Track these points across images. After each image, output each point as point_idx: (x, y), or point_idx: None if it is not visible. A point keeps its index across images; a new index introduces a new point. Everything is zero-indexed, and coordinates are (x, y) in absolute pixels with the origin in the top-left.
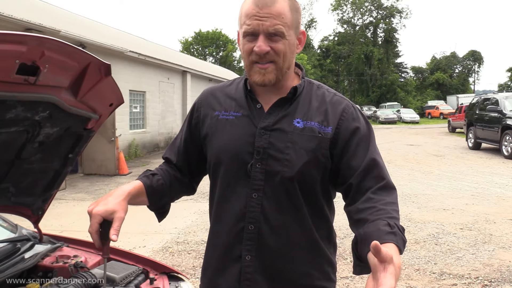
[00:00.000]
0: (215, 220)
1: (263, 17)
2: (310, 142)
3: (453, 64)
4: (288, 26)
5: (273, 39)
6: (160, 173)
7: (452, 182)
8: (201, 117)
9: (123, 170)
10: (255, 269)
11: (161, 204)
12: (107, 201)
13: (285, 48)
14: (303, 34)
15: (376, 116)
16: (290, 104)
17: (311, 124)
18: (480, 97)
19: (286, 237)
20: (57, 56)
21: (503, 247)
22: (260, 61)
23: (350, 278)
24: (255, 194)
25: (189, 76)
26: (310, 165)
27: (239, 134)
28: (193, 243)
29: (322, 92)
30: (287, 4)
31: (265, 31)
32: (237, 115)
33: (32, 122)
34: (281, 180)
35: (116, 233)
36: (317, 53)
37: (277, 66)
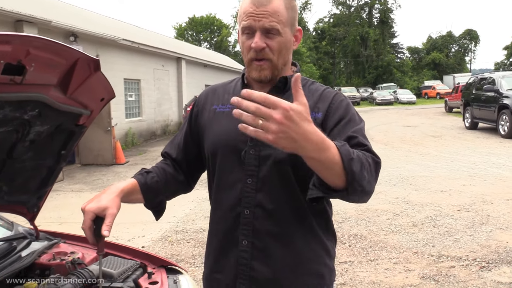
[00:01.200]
0: (213, 207)
1: (259, 14)
2: None
3: (449, 43)
4: (284, 24)
5: (269, 36)
6: (155, 171)
7: (449, 163)
8: (200, 111)
9: (120, 159)
10: (252, 255)
11: (157, 202)
12: (100, 198)
13: (280, 45)
14: (300, 31)
15: (373, 98)
16: (283, 95)
17: None
18: (476, 77)
19: (281, 222)
20: (43, 54)
21: (500, 227)
22: (256, 57)
23: (349, 263)
24: (250, 180)
25: (184, 62)
26: None
27: (233, 124)
28: (192, 231)
29: (315, 87)
30: (282, 2)
31: (261, 28)
32: (233, 107)
33: (21, 121)
34: (274, 163)
35: (108, 229)
36: (313, 36)
37: (272, 63)
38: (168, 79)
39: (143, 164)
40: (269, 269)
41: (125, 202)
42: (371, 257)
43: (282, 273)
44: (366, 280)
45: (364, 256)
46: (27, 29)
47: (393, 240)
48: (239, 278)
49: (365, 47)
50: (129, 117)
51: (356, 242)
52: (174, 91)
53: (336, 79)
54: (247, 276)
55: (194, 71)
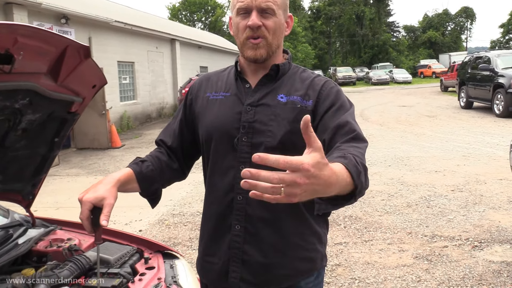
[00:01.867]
0: (208, 192)
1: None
2: (291, 113)
3: (445, 21)
4: (278, 5)
5: (265, 15)
6: (150, 160)
7: (444, 143)
8: (193, 99)
9: (116, 143)
10: (244, 238)
11: (152, 190)
12: (97, 188)
13: (275, 25)
14: (291, 18)
15: (369, 78)
16: (275, 82)
17: (293, 98)
18: (472, 56)
19: (273, 208)
20: (31, 42)
21: (493, 207)
22: (253, 35)
23: (344, 244)
24: (242, 166)
25: (178, 44)
26: (291, 135)
27: (227, 112)
28: (188, 214)
29: (306, 74)
30: None
31: (257, 7)
32: (226, 95)
33: (12, 110)
34: (265, 150)
35: (106, 219)
36: (308, 15)
37: (267, 41)
38: (162, 61)
39: (139, 147)
40: (261, 253)
41: (121, 191)
42: (365, 238)
43: (273, 257)
44: (360, 260)
45: (358, 237)
46: (16, 12)
47: (387, 221)
48: (232, 261)
49: (360, 26)
50: (124, 100)
51: (351, 223)
52: (168, 73)
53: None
54: (239, 260)
55: (189, 53)
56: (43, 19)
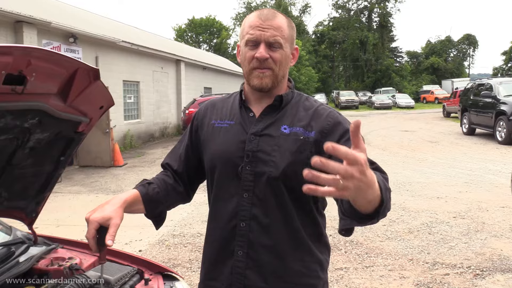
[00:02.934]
0: (211, 217)
1: (265, 28)
2: (294, 144)
3: (448, 48)
4: (285, 39)
5: (272, 48)
6: (156, 182)
7: (446, 169)
8: (199, 125)
9: (119, 161)
10: (247, 265)
11: (157, 212)
12: (104, 208)
13: (281, 58)
14: (296, 50)
15: (371, 102)
16: (279, 112)
17: (296, 129)
18: (474, 83)
19: (275, 236)
20: (44, 64)
21: (495, 235)
22: (260, 66)
23: (345, 269)
24: (246, 194)
25: (183, 65)
26: (294, 165)
27: (231, 140)
28: (189, 235)
29: (309, 103)
30: (285, 21)
31: (266, 40)
32: (230, 123)
33: (21, 129)
34: (268, 180)
35: (111, 239)
36: (312, 39)
37: (273, 72)
38: (167, 81)
39: (141, 166)
40: (263, 279)
41: (127, 212)
42: (366, 263)
43: (275, 284)
44: (361, 286)
45: (359, 263)
46: (26, 30)
47: (388, 247)
48: (234, 286)
49: (364, 51)
50: (128, 119)
51: (352, 248)
52: (173, 93)
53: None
54: (241, 285)
55: (194, 74)
56: (52, 38)
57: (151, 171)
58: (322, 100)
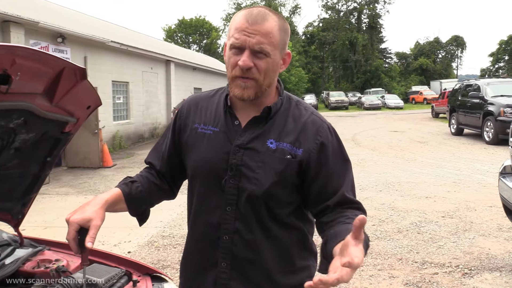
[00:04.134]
0: (192, 228)
1: (251, 33)
2: (279, 164)
3: (436, 49)
4: (274, 46)
5: (258, 56)
6: (140, 180)
7: (435, 169)
8: (182, 126)
9: (108, 162)
10: (231, 276)
11: (141, 211)
12: (85, 209)
13: (267, 67)
14: (288, 55)
15: (361, 102)
16: (266, 123)
17: (283, 145)
18: (462, 83)
19: (258, 250)
20: (29, 63)
21: (483, 234)
22: (242, 75)
23: None
24: (229, 208)
25: (173, 65)
26: (278, 185)
27: (215, 150)
28: (178, 236)
29: (299, 111)
30: (276, 24)
31: (251, 47)
32: (214, 130)
33: (6, 129)
34: (249, 197)
35: (91, 241)
36: (302, 40)
37: (257, 83)
38: (157, 81)
39: (131, 167)
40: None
41: (110, 211)
42: None
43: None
44: (351, 286)
45: None
46: (14, 30)
47: (378, 247)
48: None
49: (353, 52)
50: (117, 119)
51: None
52: (163, 94)
53: (325, 83)
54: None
55: (183, 74)
56: (40, 38)
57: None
58: (312, 101)
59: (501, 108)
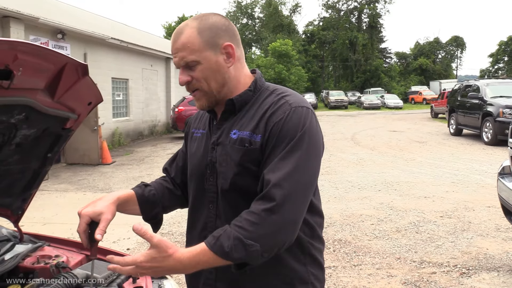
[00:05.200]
0: (188, 227)
1: (175, 53)
2: (238, 154)
3: (436, 49)
4: (199, 51)
5: (191, 68)
6: (153, 185)
7: (433, 169)
8: (188, 133)
9: (107, 159)
10: (217, 277)
11: (153, 214)
12: (96, 203)
13: (203, 73)
14: (230, 47)
15: (361, 102)
16: (234, 116)
17: (243, 134)
18: (462, 84)
19: None
20: (31, 59)
21: (481, 234)
22: (189, 90)
23: (333, 267)
24: (211, 206)
25: (173, 62)
26: (241, 176)
27: (200, 150)
28: (177, 234)
29: (270, 98)
30: (194, 30)
31: (178, 65)
32: (202, 132)
33: (7, 125)
34: (222, 192)
35: (101, 233)
36: (302, 38)
37: (203, 91)
38: (156, 79)
39: (130, 164)
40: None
41: (122, 212)
42: (354, 262)
43: None
44: (349, 285)
45: (348, 261)
46: (13, 25)
47: (376, 246)
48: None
49: (353, 51)
50: (116, 116)
51: (341, 247)
52: (162, 91)
53: (325, 82)
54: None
55: None
56: (39, 34)
57: (139, 169)
58: (312, 100)
59: (500, 109)
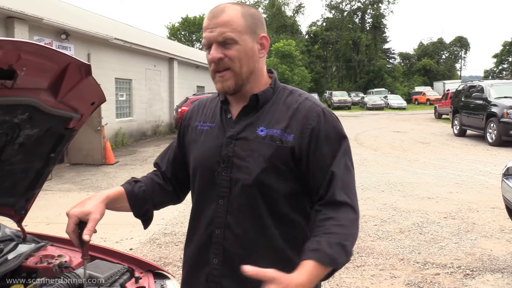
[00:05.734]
0: (191, 223)
1: (212, 28)
2: (268, 150)
3: (440, 50)
4: (240, 32)
5: (226, 46)
6: (144, 181)
7: (437, 170)
8: (186, 128)
9: (110, 159)
10: (222, 273)
11: (143, 211)
12: (85, 203)
13: (239, 54)
14: (265, 38)
15: (364, 102)
16: (256, 112)
17: (273, 132)
18: (465, 84)
19: (249, 245)
20: (34, 59)
21: (485, 235)
22: (217, 69)
23: None
24: (221, 201)
25: (176, 63)
26: (268, 173)
27: (210, 144)
28: (180, 234)
29: (292, 98)
30: (238, 12)
31: (215, 40)
32: (211, 126)
33: (11, 124)
34: (242, 187)
35: (88, 233)
36: (305, 39)
37: (234, 72)
38: (159, 79)
39: (133, 164)
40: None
41: (112, 209)
42: (357, 263)
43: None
44: (352, 286)
45: (350, 262)
46: (18, 26)
47: (380, 247)
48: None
49: (357, 52)
50: (120, 117)
51: None
52: (165, 91)
53: (328, 83)
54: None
55: (186, 72)
56: (43, 34)
57: (142, 169)
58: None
59: (505, 110)
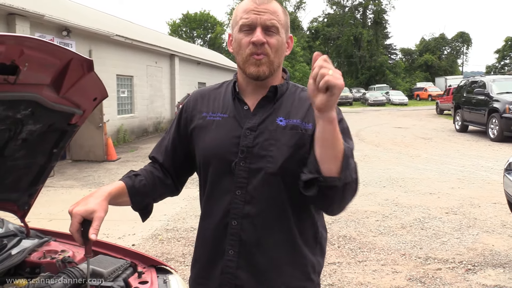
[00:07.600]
0: (204, 215)
1: (260, 11)
2: (292, 138)
3: (441, 45)
4: (282, 25)
5: (269, 33)
6: (143, 174)
7: (439, 165)
8: (189, 118)
9: (112, 156)
10: (238, 264)
11: (144, 205)
12: (88, 201)
13: (278, 44)
14: (291, 39)
15: (365, 98)
16: (274, 104)
17: (293, 121)
18: (467, 80)
19: (267, 235)
20: (37, 54)
21: (487, 231)
22: (256, 51)
23: (338, 263)
24: (239, 191)
25: (177, 59)
26: (293, 161)
27: (225, 135)
28: (182, 230)
29: (305, 94)
30: (280, 7)
31: (262, 24)
32: (223, 116)
33: (14, 120)
34: (264, 176)
35: (95, 232)
36: (306, 35)
37: (269, 59)
38: (161, 76)
39: (135, 161)
40: (253, 279)
41: (113, 204)
42: (359, 258)
43: (265, 285)
44: (354, 281)
45: (352, 257)
46: (19, 23)
47: (381, 242)
48: (224, 286)
49: (358, 48)
50: (121, 113)
51: (345, 243)
52: (167, 88)
53: None
54: (232, 285)
55: (188, 69)
56: (45, 31)
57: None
58: None
59: (507, 105)
